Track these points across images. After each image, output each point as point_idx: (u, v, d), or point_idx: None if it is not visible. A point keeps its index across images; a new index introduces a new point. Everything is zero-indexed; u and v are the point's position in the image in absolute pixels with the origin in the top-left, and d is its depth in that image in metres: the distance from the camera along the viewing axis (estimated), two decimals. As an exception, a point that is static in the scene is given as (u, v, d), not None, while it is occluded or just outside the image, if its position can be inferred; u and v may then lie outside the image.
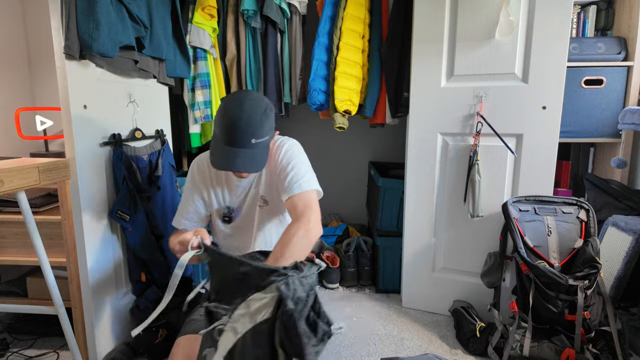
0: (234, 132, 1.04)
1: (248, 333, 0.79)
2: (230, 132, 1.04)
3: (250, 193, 1.25)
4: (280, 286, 0.78)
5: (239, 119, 1.04)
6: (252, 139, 1.05)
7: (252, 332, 0.78)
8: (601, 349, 1.41)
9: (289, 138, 1.25)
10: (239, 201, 1.26)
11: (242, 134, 1.04)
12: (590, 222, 1.54)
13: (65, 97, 1.34)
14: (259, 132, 1.06)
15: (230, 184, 1.26)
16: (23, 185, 1.25)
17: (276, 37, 2.14)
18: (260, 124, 1.06)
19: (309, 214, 1.05)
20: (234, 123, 1.04)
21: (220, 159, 1.07)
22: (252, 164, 1.08)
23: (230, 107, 1.06)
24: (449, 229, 1.89)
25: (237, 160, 1.05)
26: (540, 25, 1.62)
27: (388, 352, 1.63)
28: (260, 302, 0.80)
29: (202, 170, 1.27)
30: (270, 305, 0.78)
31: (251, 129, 1.05)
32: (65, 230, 1.46)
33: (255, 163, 1.08)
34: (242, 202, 1.26)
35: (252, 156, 1.07)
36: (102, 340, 1.54)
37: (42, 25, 2.22)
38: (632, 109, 1.71)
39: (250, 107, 1.06)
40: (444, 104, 1.80)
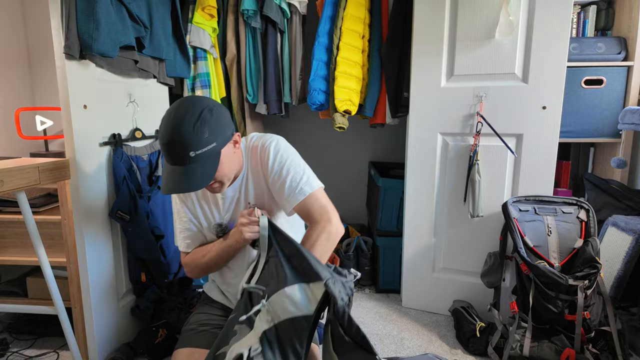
0: (168, 148, 0.96)
1: (287, 322, 0.80)
2: (165, 149, 0.96)
3: (240, 203, 1.17)
4: (329, 283, 0.79)
5: (169, 133, 0.94)
6: (189, 152, 0.94)
7: (290, 322, 0.80)
8: (601, 349, 1.41)
9: (270, 135, 1.15)
10: (228, 216, 1.17)
11: (175, 150, 0.95)
12: (590, 222, 1.54)
13: (65, 97, 1.34)
14: (195, 143, 0.94)
15: (213, 198, 1.18)
16: (23, 185, 1.25)
17: (276, 37, 2.14)
18: (194, 133, 0.94)
19: (327, 216, 1.02)
20: (166, 138, 0.95)
21: (164, 182, 0.98)
22: (195, 180, 0.96)
23: (163, 121, 0.97)
24: (449, 229, 1.89)
25: (177, 180, 0.95)
26: (540, 25, 1.62)
27: (388, 352, 1.63)
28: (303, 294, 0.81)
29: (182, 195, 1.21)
30: (315, 302, 0.80)
31: (184, 141, 0.93)
32: (65, 230, 1.46)
33: (199, 179, 0.96)
34: (232, 216, 1.17)
35: (193, 172, 0.95)
36: (102, 340, 1.54)
37: (42, 25, 2.22)
38: (632, 109, 1.71)
39: (179, 117, 0.95)
40: (444, 104, 1.80)
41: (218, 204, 1.17)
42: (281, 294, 0.83)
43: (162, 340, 1.60)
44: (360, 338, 0.75)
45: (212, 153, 0.98)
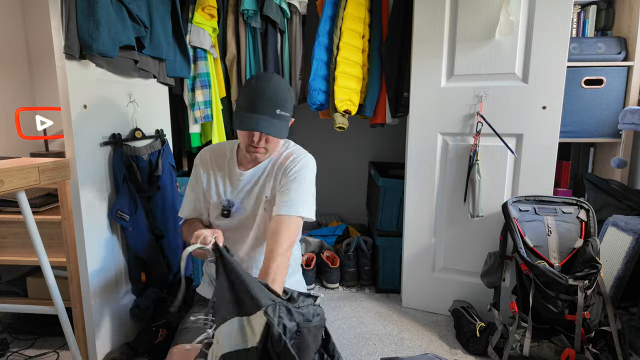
0: (261, 100, 1.09)
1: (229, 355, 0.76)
2: (258, 100, 1.09)
3: (253, 191, 1.24)
4: (268, 310, 0.74)
5: (266, 89, 1.10)
6: (277, 109, 1.10)
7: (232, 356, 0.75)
8: (601, 349, 1.41)
9: (305, 154, 1.27)
10: (240, 197, 1.25)
11: (268, 102, 1.09)
12: (590, 222, 1.54)
13: (65, 97, 1.34)
14: (284, 104, 1.12)
15: (232, 176, 1.25)
16: (23, 185, 1.25)
17: (276, 37, 2.14)
18: (285, 97, 1.12)
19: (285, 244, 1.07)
20: (262, 92, 1.10)
21: (244, 122, 1.10)
22: (276, 130, 1.11)
23: (258, 80, 1.12)
24: (449, 229, 1.89)
25: (261, 123, 1.08)
26: (540, 25, 1.62)
27: (388, 352, 1.64)
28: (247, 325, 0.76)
29: (204, 161, 1.29)
30: (258, 332, 0.74)
31: (278, 99, 1.10)
32: (65, 230, 1.46)
33: (278, 131, 1.11)
34: (244, 199, 1.25)
35: (276, 125, 1.11)
36: (102, 340, 1.54)
37: (42, 25, 2.22)
38: (632, 109, 1.71)
39: (276, 81, 1.13)
40: (444, 104, 1.80)
41: (234, 183, 1.25)
42: (222, 328, 0.79)
43: (162, 340, 1.60)
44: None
45: (287, 120, 1.15)
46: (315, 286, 2.26)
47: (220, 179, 1.27)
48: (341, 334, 1.77)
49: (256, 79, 1.13)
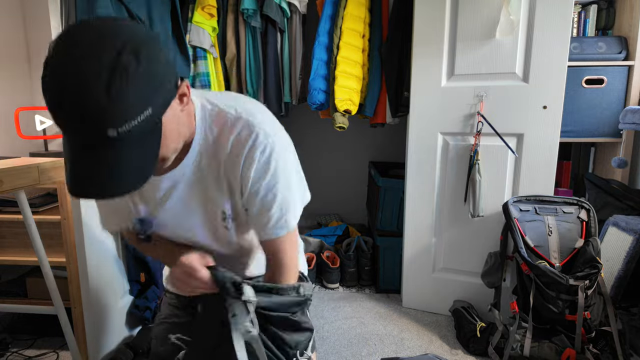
0: (66, 122, 0.54)
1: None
2: (61, 123, 0.55)
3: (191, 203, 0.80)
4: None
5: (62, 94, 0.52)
6: (106, 130, 0.53)
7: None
8: (602, 349, 1.40)
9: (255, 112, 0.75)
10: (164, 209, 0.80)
11: (80, 126, 0.53)
12: (590, 222, 1.54)
13: (65, 96, 1.34)
14: (114, 114, 0.52)
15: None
16: (22, 184, 1.24)
17: (276, 37, 2.13)
18: (111, 99, 0.51)
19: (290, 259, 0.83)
20: (59, 105, 0.53)
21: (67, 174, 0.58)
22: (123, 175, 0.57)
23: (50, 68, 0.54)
24: (449, 228, 1.89)
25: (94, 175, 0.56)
26: (540, 24, 1.62)
27: (388, 352, 1.63)
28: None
29: None
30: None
31: (93, 114, 0.52)
32: (64, 230, 1.45)
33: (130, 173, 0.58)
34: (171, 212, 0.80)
35: (119, 161, 0.56)
36: (101, 340, 1.54)
37: (42, 25, 2.21)
38: (633, 109, 1.71)
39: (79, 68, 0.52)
40: (444, 103, 1.80)
41: (145, 194, 0.79)
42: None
43: (162, 340, 1.60)
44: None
45: (148, 125, 0.57)
46: (315, 286, 2.26)
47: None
48: (341, 334, 1.77)
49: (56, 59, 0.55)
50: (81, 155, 0.56)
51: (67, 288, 1.49)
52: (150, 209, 0.80)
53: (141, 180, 0.59)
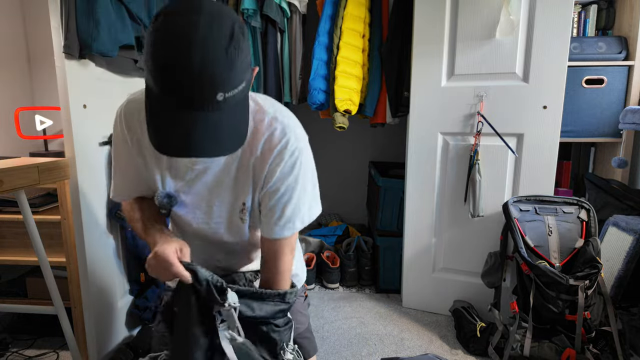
0: (182, 81, 0.56)
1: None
2: (174, 82, 0.56)
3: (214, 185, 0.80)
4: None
5: (186, 54, 0.55)
6: (217, 94, 0.57)
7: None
8: (602, 349, 1.40)
9: (295, 134, 0.78)
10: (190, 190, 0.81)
11: (195, 86, 0.56)
12: (590, 222, 1.54)
13: (65, 96, 1.34)
14: (228, 78, 0.58)
15: (175, 158, 0.79)
16: (23, 184, 1.24)
17: (276, 37, 2.13)
18: (228, 63, 0.57)
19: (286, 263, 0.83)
20: (181, 64, 0.55)
21: (164, 137, 0.61)
22: (224, 138, 0.61)
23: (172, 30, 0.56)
24: (449, 228, 1.89)
25: (195, 136, 0.59)
26: (540, 24, 1.62)
27: (388, 352, 1.63)
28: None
29: (131, 125, 0.80)
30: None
31: (214, 75, 0.56)
32: (64, 230, 1.45)
33: (229, 137, 0.62)
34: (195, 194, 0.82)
35: (219, 125, 0.60)
36: (101, 340, 1.54)
37: (42, 25, 2.21)
38: (633, 109, 1.71)
39: (204, 31, 0.56)
40: (444, 103, 1.80)
41: (179, 168, 0.79)
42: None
43: (162, 340, 1.60)
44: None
45: (242, 97, 0.62)
46: (315, 286, 2.26)
47: (154, 159, 0.80)
48: (341, 334, 1.77)
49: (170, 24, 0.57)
50: (183, 116, 0.58)
51: (67, 288, 1.49)
52: (178, 187, 0.81)
53: (237, 144, 0.64)
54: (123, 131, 0.82)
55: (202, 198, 0.82)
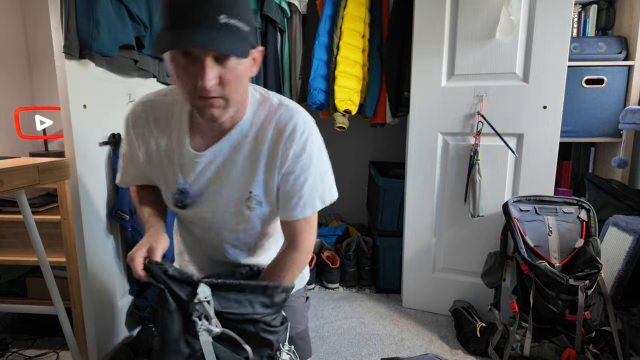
0: (189, 3, 0.63)
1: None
2: (183, 6, 0.63)
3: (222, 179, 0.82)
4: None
5: None
6: (218, 15, 0.63)
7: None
8: (602, 349, 1.40)
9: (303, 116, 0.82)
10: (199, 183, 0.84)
11: (201, 5, 0.63)
12: (591, 222, 1.54)
13: (65, 96, 1.34)
14: (232, 5, 0.64)
15: (182, 153, 0.82)
16: (23, 184, 1.24)
17: (276, 37, 2.13)
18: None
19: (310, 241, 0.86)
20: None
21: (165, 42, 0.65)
22: (225, 44, 0.64)
23: None
24: (449, 228, 1.89)
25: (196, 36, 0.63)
26: (540, 24, 1.62)
27: (388, 352, 1.63)
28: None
29: (139, 123, 0.85)
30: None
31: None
32: (64, 230, 1.45)
33: (229, 45, 0.64)
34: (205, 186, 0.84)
35: (223, 39, 0.64)
36: (101, 340, 1.54)
37: (42, 25, 2.21)
38: (633, 109, 1.71)
39: None
40: (444, 103, 1.80)
41: (186, 163, 0.82)
42: None
43: (162, 341, 1.60)
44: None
45: (243, 34, 0.67)
46: (315, 286, 2.26)
47: (166, 153, 0.84)
48: (341, 334, 1.77)
49: None
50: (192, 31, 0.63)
51: (67, 288, 1.49)
52: (189, 181, 0.84)
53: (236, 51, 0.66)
54: (129, 129, 0.86)
55: (210, 189, 0.84)
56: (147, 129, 0.84)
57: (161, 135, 0.84)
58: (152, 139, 0.85)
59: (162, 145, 0.84)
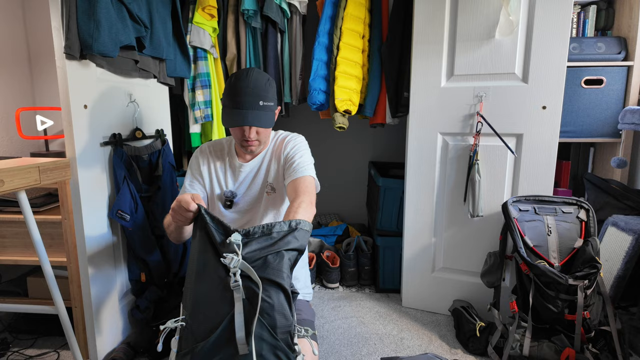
0: (244, 95, 1.15)
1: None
2: (240, 96, 1.15)
3: (256, 180, 1.32)
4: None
5: (246, 84, 1.16)
6: (259, 101, 1.17)
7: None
8: (601, 349, 1.41)
9: (296, 134, 1.36)
10: (243, 188, 1.32)
11: (250, 97, 1.15)
12: (590, 222, 1.54)
13: (66, 96, 1.34)
14: (266, 95, 1.18)
15: (233, 168, 1.33)
16: (23, 184, 1.25)
17: (276, 37, 2.14)
18: (265, 88, 1.19)
19: (309, 194, 1.15)
20: (244, 87, 1.16)
21: (232, 118, 1.16)
22: (263, 121, 1.18)
23: (238, 77, 1.18)
24: (449, 228, 1.90)
25: (248, 117, 1.15)
26: (540, 25, 1.62)
27: (388, 352, 1.64)
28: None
29: (205, 154, 1.36)
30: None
31: (259, 92, 1.17)
32: (65, 230, 1.46)
33: (265, 121, 1.18)
34: (246, 189, 1.32)
35: (262, 116, 1.18)
36: (102, 339, 1.54)
37: (43, 25, 2.22)
38: (632, 109, 1.71)
39: (255, 75, 1.19)
40: (444, 103, 1.80)
41: (235, 174, 1.33)
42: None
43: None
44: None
45: (271, 110, 1.22)
46: (315, 286, 2.27)
47: (221, 170, 1.33)
48: (341, 333, 1.77)
49: (235, 77, 1.18)
50: (240, 111, 1.17)
51: (67, 288, 1.50)
52: (235, 185, 1.33)
53: (267, 125, 1.21)
54: (196, 159, 1.36)
55: (247, 188, 1.33)
56: (210, 158, 1.36)
57: (217, 160, 1.35)
58: (212, 163, 1.35)
59: (218, 165, 1.34)
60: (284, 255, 0.88)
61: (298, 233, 0.90)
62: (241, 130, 1.20)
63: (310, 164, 1.27)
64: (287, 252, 0.88)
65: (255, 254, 0.86)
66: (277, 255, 0.87)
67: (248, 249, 0.86)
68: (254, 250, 0.87)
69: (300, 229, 0.91)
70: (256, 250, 0.87)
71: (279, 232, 0.89)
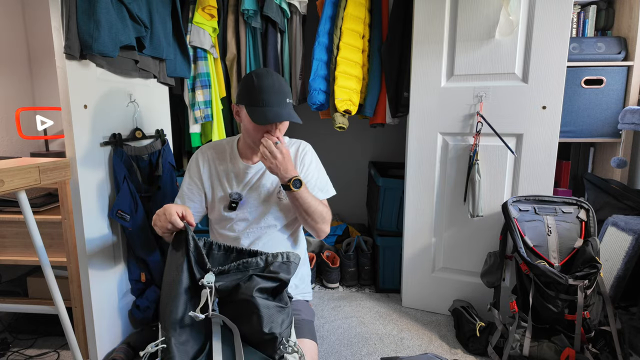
0: (273, 93, 1.17)
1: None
2: (270, 95, 1.17)
3: (262, 183, 1.30)
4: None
5: (272, 83, 1.19)
6: (286, 99, 1.20)
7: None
8: (601, 349, 1.41)
9: (305, 143, 1.38)
10: (247, 189, 1.31)
11: (279, 95, 1.18)
12: (590, 222, 1.54)
13: (66, 96, 1.34)
14: (289, 93, 1.23)
15: (236, 170, 1.31)
16: (23, 184, 1.25)
17: (276, 37, 2.14)
18: (287, 87, 1.24)
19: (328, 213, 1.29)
20: (271, 86, 1.18)
21: (265, 116, 1.16)
22: (293, 116, 1.20)
23: (261, 76, 1.19)
24: (448, 228, 1.90)
25: (282, 113, 1.17)
26: (540, 24, 1.62)
27: (388, 352, 1.64)
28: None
29: (205, 156, 1.34)
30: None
31: (284, 89, 1.21)
32: (65, 230, 1.46)
33: (294, 116, 1.21)
34: (251, 191, 1.31)
35: (291, 113, 1.21)
36: (102, 339, 1.54)
37: (43, 25, 2.22)
38: (632, 109, 1.71)
39: (275, 74, 1.22)
40: (444, 103, 1.80)
41: (239, 176, 1.31)
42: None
43: (163, 340, 1.60)
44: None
45: (293, 108, 1.26)
46: (315, 286, 2.27)
47: (224, 173, 1.32)
48: (341, 333, 1.77)
49: (258, 76, 1.19)
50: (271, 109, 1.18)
51: (67, 288, 1.50)
52: (239, 188, 1.31)
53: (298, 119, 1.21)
54: (196, 163, 1.34)
55: (254, 192, 1.31)
56: (211, 160, 1.34)
57: (219, 162, 1.33)
58: (213, 166, 1.33)
59: (220, 167, 1.33)
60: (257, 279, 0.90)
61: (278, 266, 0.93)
62: (266, 129, 1.20)
63: (328, 182, 1.37)
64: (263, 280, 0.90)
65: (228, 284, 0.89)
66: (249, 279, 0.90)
67: (222, 281, 0.89)
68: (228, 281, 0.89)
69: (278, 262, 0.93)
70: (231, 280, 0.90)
71: (254, 269, 0.91)
